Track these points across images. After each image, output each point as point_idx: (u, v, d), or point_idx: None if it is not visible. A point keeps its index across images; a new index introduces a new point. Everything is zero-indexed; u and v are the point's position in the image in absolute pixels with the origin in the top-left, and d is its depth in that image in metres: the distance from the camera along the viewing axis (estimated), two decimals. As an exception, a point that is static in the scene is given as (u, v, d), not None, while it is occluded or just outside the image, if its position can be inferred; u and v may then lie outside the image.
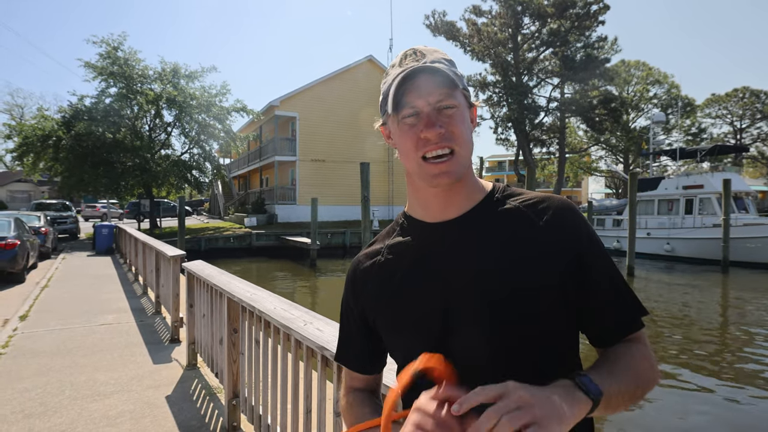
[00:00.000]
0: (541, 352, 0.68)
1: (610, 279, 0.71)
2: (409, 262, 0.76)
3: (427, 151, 0.69)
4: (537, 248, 0.69)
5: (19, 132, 17.12)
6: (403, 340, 0.75)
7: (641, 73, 36.86)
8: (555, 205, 0.72)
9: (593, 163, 41.07)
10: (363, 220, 11.42)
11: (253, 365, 2.33)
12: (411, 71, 0.68)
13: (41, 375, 3.54)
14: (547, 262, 0.68)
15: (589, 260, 0.70)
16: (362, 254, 0.85)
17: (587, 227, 0.73)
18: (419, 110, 0.69)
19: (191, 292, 3.70)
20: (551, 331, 0.68)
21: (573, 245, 0.70)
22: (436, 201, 0.75)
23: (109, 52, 17.68)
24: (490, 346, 0.67)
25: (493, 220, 0.73)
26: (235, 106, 19.87)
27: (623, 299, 0.71)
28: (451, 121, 0.69)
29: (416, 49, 0.73)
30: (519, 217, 0.72)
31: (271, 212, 21.98)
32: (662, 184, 18.37)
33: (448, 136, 0.69)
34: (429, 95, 0.69)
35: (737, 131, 39.09)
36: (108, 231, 13.63)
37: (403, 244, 0.78)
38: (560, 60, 26.21)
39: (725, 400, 4.88)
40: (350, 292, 0.84)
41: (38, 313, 5.73)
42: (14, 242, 8.44)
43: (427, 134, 0.68)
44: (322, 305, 10.28)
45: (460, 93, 0.71)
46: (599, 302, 0.70)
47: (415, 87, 0.69)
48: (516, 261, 0.68)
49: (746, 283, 12.57)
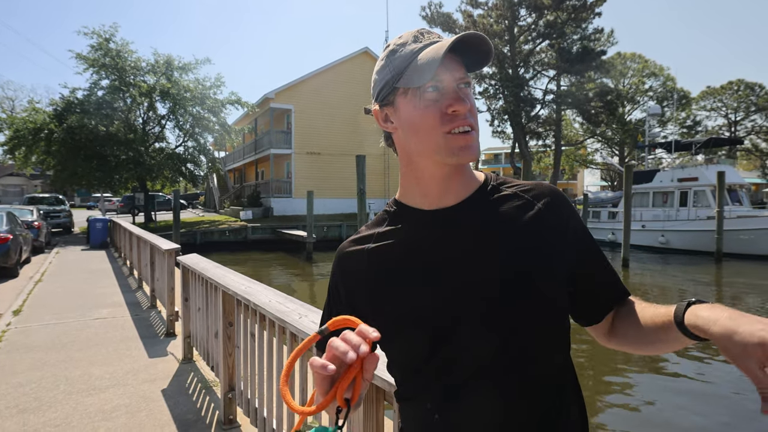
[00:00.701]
0: (539, 337, 0.68)
1: (601, 259, 0.76)
2: (403, 250, 0.73)
3: (455, 126, 0.67)
4: (536, 233, 0.70)
5: (10, 125, 16.88)
6: (397, 331, 0.70)
7: (637, 66, 36.86)
8: (547, 191, 0.75)
9: (589, 155, 41.17)
10: (359, 213, 11.40)
11: (248, 358, 2.33)
12: (469, 36, 0.65)
13: (36, 369, 3.52)
14: (546, 247, 0.69)
15: (582, 243, 0.74)
16: (348, 241, 0.81)
17: (575, 212, 0.76)
18: (445, 86, 0.68)
19: (186, 285, 3.68)
20: (550, 315, 0.69)
21: (567, 229, 0.73)
22: (437, 188, 0.73)
23: (101, 44, 17.40)
24: (491, 333, 0.66)
25: (491, 206, 0.73)
26: (229, 99, 19.67)
27: (614, 276, 0.77)
28: (470, 100, 0.70)
29: (424, 29, 0.73)
30: (516, 203, 0.73)
31: (266, 205, 21.90)
32: (657, 177, 18.47)
33: (473, 113, 0.69)
34: (456, 70, 0.68)
35: (732, 124, 39.26)
36: (102, 225, 13.53)
37: (395, 232, 0.75)
38: (556, 52, 26.12)
39: (725, 391, 4.94)
40: (338, 278, 0.80)
41: (32, 307, 5.69)
42: (6, 237, 8.35)
43: (459, 108, 0.67)
44: (318, 298, 10.30)
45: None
46: (596, 282, 0.75)
47: (447, 62, 0.67)
48: (518, 247, 0.68)
49: (740, 274, 12.71)
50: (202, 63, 19.31)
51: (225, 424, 2.62)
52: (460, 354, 0.67)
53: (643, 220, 18.05)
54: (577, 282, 0.73)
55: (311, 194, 15.73)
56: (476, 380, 0.66)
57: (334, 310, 0.80)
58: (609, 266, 0.77)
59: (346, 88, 22.97)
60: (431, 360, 0.68)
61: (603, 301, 0.75)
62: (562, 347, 0.71)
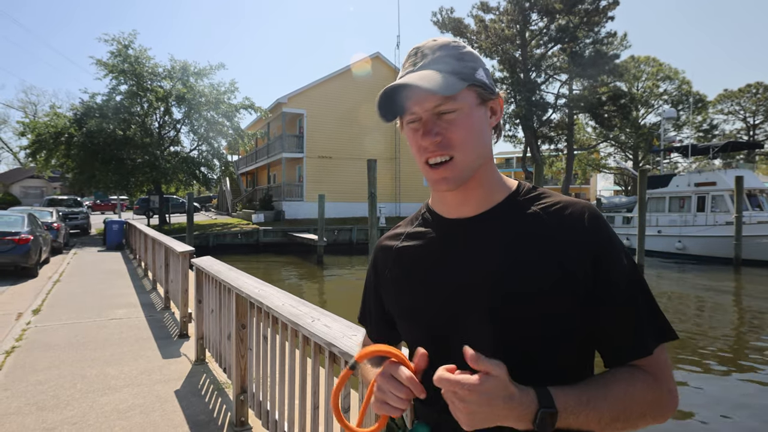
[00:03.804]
0: (542, 358, 0.66)
1: (626, 293, 0.65)
2: (423, 253, 0.77)
3: (427, 158, 0.69)
4: (547, 253, 0.66)
5: (33, 129, 17.37)
6: (407, 327, 0.78)
7: (651, 69, 36.28)
8: (577, 209, 0.69)
9: (602, 160, 40.60)
10: (370, 216, 11.43)
11: (260, 361, 2.35)
12: (393, 88, 0.66)
13: (54, 368, 3.61)
14: (556, 270, 0.65)
15: (604, 270, 0.65)
16: (385, 236, 0.87)
17: (608, 233, 0.68)
18: (419, 116, 0.69)
19: (200, 287, 3.73)
20: (552, 338, 0.66)
21: (588, 252, 0.66)
22: (452, 198, 0.75)
23: (120, 50, 17.83)
24: (490, 346, 0.66)
25: (510, 220, 0.71)
26: (243, 104, 19.95)
27: (637, 318, 0.65)
28: (451, 127, 0.67)
29: (419, 49, 0.71)
30: (534, 220, 0.70)
31: (278, 209, 22.08)
32: (673, 181, 18.11)
33: (445, 144, 0.68)
34: (425, 101, 0.67)
35: (750, 127, 38.34)
36: (118, 227, 13.80)
37: (420, 234, 0.79)
38: (568, 56, 25.89)
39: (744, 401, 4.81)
40: (372, 269, 0.87)
41: (51, 307, 5.83)
42: (28, 237, 8.58)
43: (422, 142, 0.69)
44: (329, 302, 10.32)
45: (468, 92, 0.68)
46: (608, 318, 0.66)
47: (411, 95, 0.67)
48: (523, 264, 0.66)
49: (760, 281, 12.35)
50: (216, 68, 19.63)
51: (237, 425, 2.64)
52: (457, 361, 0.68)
53: (659, 225, 17.70)
54: (598, 318, 0.66)
55: (322, 198, 15.82)
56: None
57: (367, 301, 0.89)
58: (639, 305, 0.66)
59: (358, 93, 23.12)
60: (433, 360, 0.70)
61: (616, 344, 0.67)
62: (574, 366, 0.69)
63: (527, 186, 0.76)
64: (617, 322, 0.66)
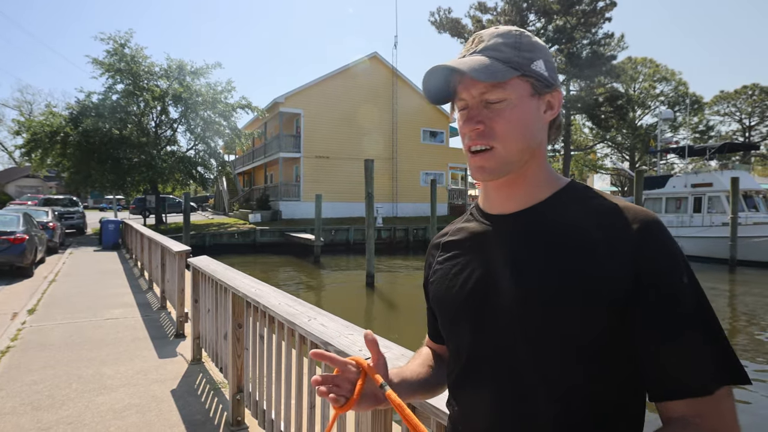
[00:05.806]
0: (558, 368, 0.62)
1: (680, 315, 0.56)
2: (464, 248, 0.76)
3: (469, 145, 0.69)
4: (588, 261, 0.60)
5: (28, 128, 17.26)
6: (441, 321, 0.79)
7: (648, 70, 36.52)
8: (628, 214, 0.62)
9: (599, 160, 40.78)
10: (367, 216, 11.43)
11: (257, 360, 2.35)
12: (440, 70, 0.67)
13: (49, 368, 3.59)
14: (596, 280, 0.59)
15: (652, 285, 0.57)
16: (438, 233, 0.87)
17: (664, 244, 0.59)
18: (467, 102, 0.69)
19: (196, 287, 3.72)
20: (583, 352, 0.60)
21: (633, 261, 0.58)
22: (495, 193, 0.73)
23: (116, 49, 17.75)
24: (519, 350, 0.65)
25: (553, 219, 0.67)
26: (240, 103, 19.90)
27: (693, 348, 0.55)
28: (495, 117, 0.66)
29: (479, 35, 0.70)
30: (587, 222, 0.63)
31: (275, 208, 22.04)
32: (670, 182, 18.22)
33: (487, 133, 0.66)
34: (471, 87, 0.67)
35: (746, 129, 38.63)
36: (114, 226, 13.74)
37: (464, 229, 0.79)
38: (566, 57, 26.00)
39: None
40: (425, 267, 0.87)
41: (46, 307, 5.80)
42: (23, 237, 8.54)
43: (464, 129, 0.69)
44: (326, 301, 10.32)
45: (519, 82, 0.66)
46: (652, 342, 0.57)
47: (461, 80, 0.68)
48: (560, 272, 0.61)
49: (754, 282, 12.43)
50: (213, 68, 19.57)
51: (233, 425, 2.64)
52: (480, 356, 0.69)
53: (655, 226, 17.79)
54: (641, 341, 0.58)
55: (320, 198, 15.80)
56: (497, 382, 0.67)
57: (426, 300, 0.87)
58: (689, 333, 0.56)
59: (355, 92, 23.09)
60: (458, 354, 0.74)
61: (658, 379, 0.58)
62: (608, 384, 0.61)
63: (579, 185, 0.71)
64: (664, 350, 0.56)
